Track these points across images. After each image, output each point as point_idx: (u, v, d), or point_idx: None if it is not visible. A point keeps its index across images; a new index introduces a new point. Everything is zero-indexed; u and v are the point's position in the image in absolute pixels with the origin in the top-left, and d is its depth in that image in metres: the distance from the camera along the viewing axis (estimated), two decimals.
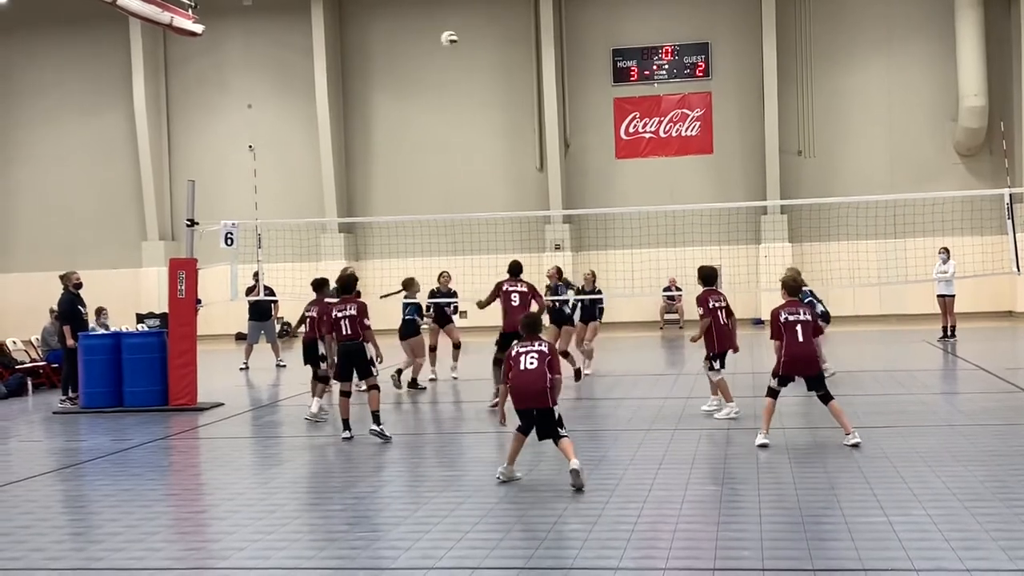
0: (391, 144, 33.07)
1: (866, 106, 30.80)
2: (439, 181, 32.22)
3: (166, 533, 8.20)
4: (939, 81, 30.17)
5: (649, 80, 31.88)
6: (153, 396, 15.41)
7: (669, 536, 7.38)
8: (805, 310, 10.94)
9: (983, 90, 29.06)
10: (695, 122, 31.72)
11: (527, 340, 9.47)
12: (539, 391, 9.14)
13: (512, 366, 9.31)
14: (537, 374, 9.17)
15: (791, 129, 30.89)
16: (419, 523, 7.99)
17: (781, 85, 30.47)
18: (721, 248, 29.10)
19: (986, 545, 6.81)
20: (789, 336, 10.68)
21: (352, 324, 12.00)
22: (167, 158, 34.11)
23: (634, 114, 31.97)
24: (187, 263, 15.88)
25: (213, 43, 31.39)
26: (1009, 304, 29.33)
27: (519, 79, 32.33)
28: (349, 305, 12.17)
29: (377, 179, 33.21)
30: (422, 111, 32.78)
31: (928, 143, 30.45)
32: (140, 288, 32.67)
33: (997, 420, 12.11)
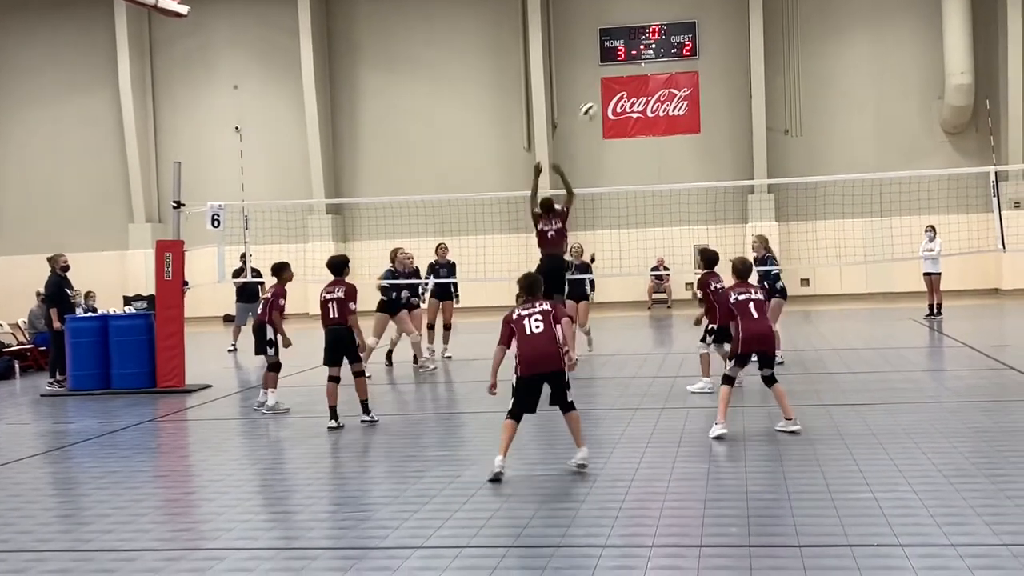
0: (378, 125, 32.99)
1: (853, 85, 30.82)
2: (427, 162, 32.16)
3: (154, 515, 8.20)
4: (925, 59, 30.20)
5: (636, 60, 31.84)
6: (141, 378, 15.41)
7: (656, 514, 7.42)
8: (755, 289, 10.84)
9: (969, 68, 29.10)
10: (682, 101, 31.71)
11: (529, 301, 9.07)
12: (552, 353, 8.74)
13: (515, 331, 8.86)
14: (547, 336, 8.76)
15: (778, 108, 30.90)
16: (407, 503, 8.01)
17: (768, 64, 30.47)
18: (708, 227, 29.05)
19: (971, 521, 6.86)
20: (743, 315, 10.55)
21: (340, 307, 11.70)
22: (153, 140, 33.98)
23: (622, 94, 31.94)
24: (174, 245, 15.84)
25: (199, 24, 31.25)
26: (995, 282, 29.45)
27: (506, 59, 32.25)
28: (337, 287, 11.85)
29: (365, 160, 33.13)
30: (409, 92, 32.69)
31: (915, 121, 30.50)
32: (127, 270, 32.61)
33: (983, 397, 12.18)
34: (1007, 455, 8.86)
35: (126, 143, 33.15)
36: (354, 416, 11.78)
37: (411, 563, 6.44)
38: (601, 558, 6.36)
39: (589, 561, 6.30)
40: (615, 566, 6.22)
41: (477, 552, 6.64)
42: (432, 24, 32.46)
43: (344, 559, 6.61)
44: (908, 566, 5.98)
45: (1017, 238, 21.14)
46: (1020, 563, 5.91)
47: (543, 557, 6.46)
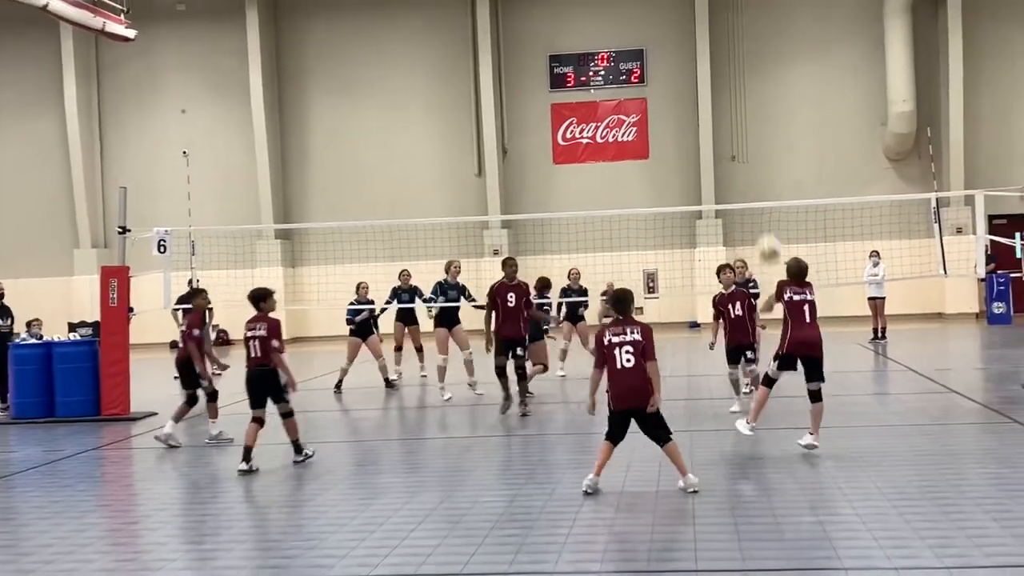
0: (328, 149, 32.90)
1: (798, 112, 31.22)
2: (377, 186, 32.11)
3: (98, 544, 8.10)
4: (869, 87, 30.67)
5: (586, 86, 32.06)
6: (85, 406, 15.20)
7: (604, 539, 7.44)
8: (811, 290, 10.46)
9: (911, 96, 29.59)
10: (631, 128, 31.95)
11: (618, 325, 8.82)
12: (641, 390, 8.65)
13: (606, 357, 8.74)
14: (637, 371, 8.65)
15: (725, 135, 31.23)
16: (356, 531, 7.97)
17: (715, 91, 30.79)
18: (657, 252, 29.32)
19: (914, 544, 6.94)
20: (795, 316, 10.28)
21: (263, 345, 10.73)
22: (99, 164, 33.63)
23: (571, 119, 32.13)
24: (119, 271, 15.69)
25: (146, 47, 31.02)
26: (938, 306, 29.88)
27: (457, 85, 32.34)
28: (259, 324, 10.83)
29: (314, 185, 33.02)
30: (359, 116, 32.66)
31: (858, 148, 30.94)
32: (72, 296, 32.18)
33: (926, 420, 12.34)
34: (950, 478, 8.98)
35: (72, 167, 32.78)
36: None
37: None
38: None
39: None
40: None
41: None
42: (382, 48, 32.49)
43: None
44: None
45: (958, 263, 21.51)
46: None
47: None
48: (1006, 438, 11.10)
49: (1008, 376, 16.23)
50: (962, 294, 29.36)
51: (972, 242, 19.52)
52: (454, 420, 13.74)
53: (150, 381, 19.88)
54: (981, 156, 29.82)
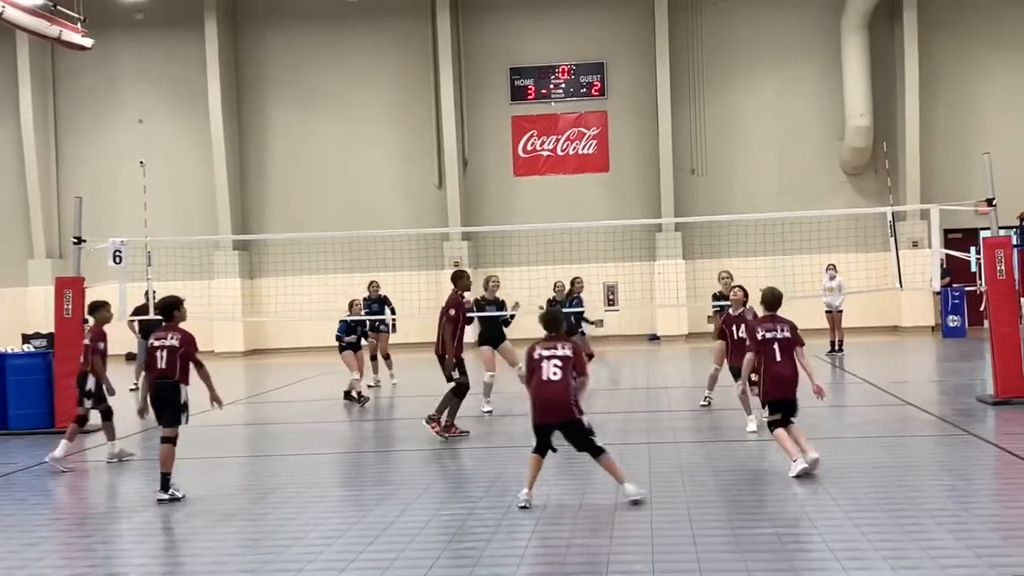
0: (287, 160, 32.75)
1: (757, 126, 31.47)
2: (336, 198, 31.99)
3: (52, 559, 7.98)
4: (827, 102, 30.98)
5: (546, 99, 32.14)
6: (39, 418, 15.00)
7: (563, 551, 7.42)
8: (782, 326, 10.20)
9: (868, 110, 29.91)
10: (592, 140, 32.06)
11: (550, 341, 8.90)
12: (563, 404, 8.67)
13: (534, 371, 8.77)
14: (562, 386, 8.66)
15: (684, 148, 31.41)
16: (311, 545, 7.90)
17: (675, 105, 30.97)
18: (617, 265, 29.41)
19: (869, 556, 6.99)
20: (767, 355, 9.99)
21: (170, 357, 9.97)
22: (55, 174, 33.27)
23: (532, 132, 32.20)
24: (74, 282, 15.52)
25: (103, 56, 30.80)
26: (894, 319, 30.17)
27: (417, 96, 32.32)
28: (171, 335, 10.10)
29: (272, 195, 32.84)
30: (319, 127, 32.55)
31: (816, 162, 31.21)
32: (27, 308, 31.79)
33: (882, 432, 12.44)
34: (905, 490, 9.05)
35: (27, 177, 32.40)
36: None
37: None
38: None
39: None
40: None
41: None
42: (342, 60, 32.41)
43: None
44: None
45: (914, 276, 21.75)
46: None
47: None
48: (961, 450, 11.21)
49: (963, 388, 16.41)
50: (918, 307, 29.68)
51: (928, 256, 19.76)
52: (412, 433, 13.66)
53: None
54: (937, 170, 30.17)
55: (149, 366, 10.09)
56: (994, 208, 15.04)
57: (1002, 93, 30.52)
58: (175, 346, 10.00)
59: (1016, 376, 14.16)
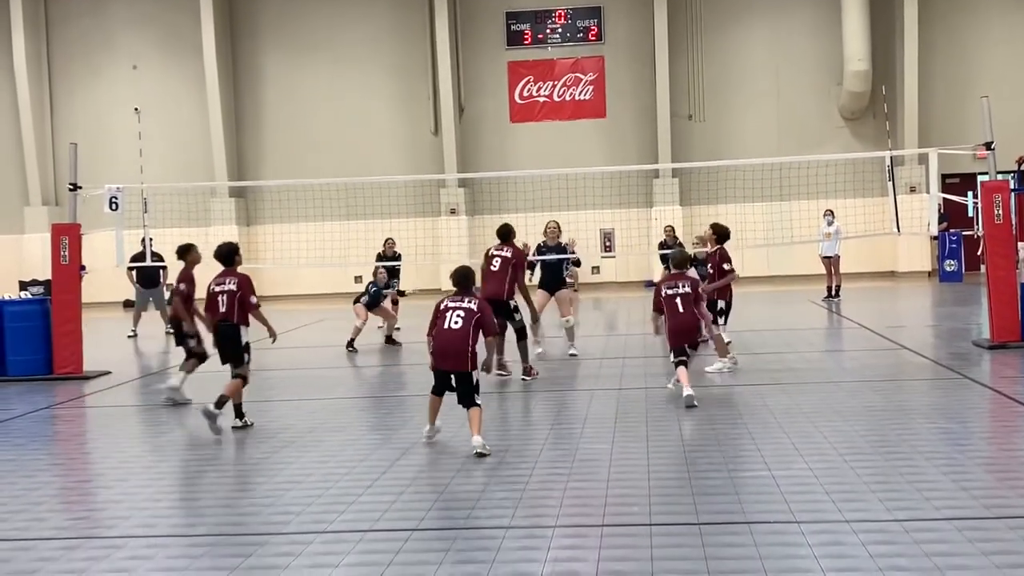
0: (283, 107, 32.57)
1: (754, 70, 31.28)
2: (333, 145, 31.85)
3: (51, 503, 8.03)
4: (825, 46, 30.78)
5: (543, 44, 31.91)
6: (37, 365, 15.02)
7: (560, 495, 7.47)
8: (685, 282, 11.34)
9: (867, 55, 29.72)
10: (588, 86, 31.87)
11: (457, 295, 9.19)
12: (458, 352, 8.90)
13: (438, 320, 9.08)
14: (460, 335, 8.90)
15: (682, 94, 31.23)
16: (310, 488, 7.95)
17: (672, 49, 30.76)
18: (614, 211, 29.40)
19: (865, 497, 7.03)
20: (670, 310, 11.18)
21: (230, 300, 10.54)
22: (49, 120, 33.08)
23: (528, 78, 31.99)
24: (70, 228, 15.47)
25: (97, 2, 30.61)
26: (891, 264, 30.20)
27: (413, 43, 32.08)
28: (229, 279, 10.66)
29: (268, 142, 32.70)
30: (315, 73, 32.33)
31: (814, 107, 31.08)
32: (23, 255, 31.76)
33: (878, 376, 12.49)
34: (901, 434, 9.10)
35: (21, 124, 32.22)
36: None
37: (313, 548, 6.41)
38: (505, 539, 6.40)
39: (493, 543, 6.33)
40: (518, 547, 6.25)
41: (380, 536, 6.63)
42: (337, 5, 32.12)
43: (245, 545, 6.54)
44: (804, 542, 6.12)
45: (911, 221, 21.73)
46: (912, 538, 6.08)
47: (447, 540, 6.48)
48: (956, 394, 11.27)
49: (959, 333, 16.46)
50: (914, 252, 29.70)
51: (925, 201, 19.72)
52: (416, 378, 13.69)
53: (103, 340, 19.70)
54: (935, 115, 30.07)
55: (210, 309, 10.62)
56: (992, 152, 14.99)
57: (1001, 37, 30.33)
58: (234, 290, 10.54)
59: (1012, 320, 14.20)
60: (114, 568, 6.18)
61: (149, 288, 21.43)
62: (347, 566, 6.04)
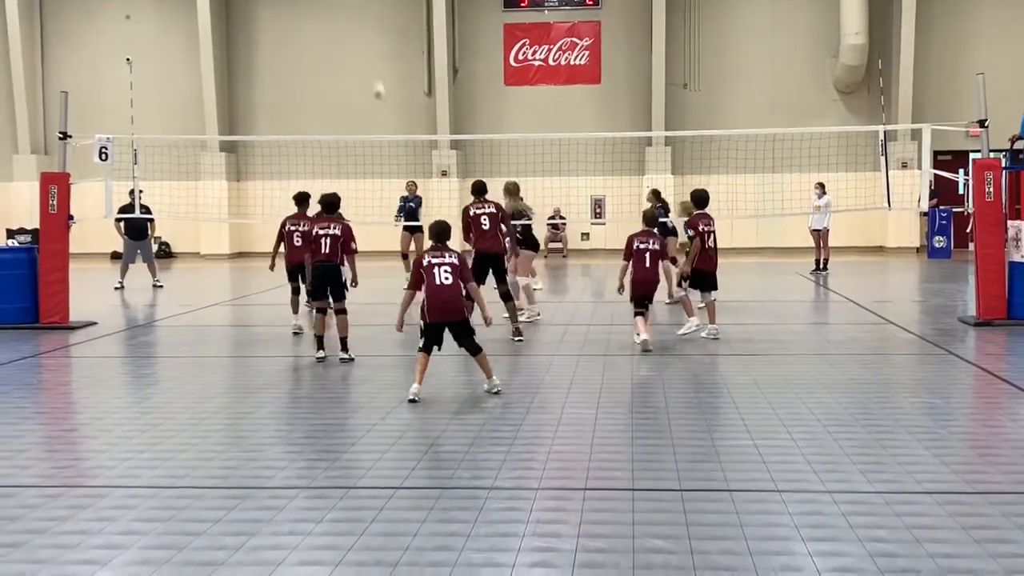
0: (276, 62, 32.36)
1: (751, 42, 31.18)
2: (325, 102, 31.69)
3: (34, 451, 8.03)
4: (821, 19, 30.68)
5: (539, 7, 31.74)
6: (23, 313, 15.00)
7: (544, 458, 7.50)
8: (654, 239, 12.53)
9: (864, 28, 29.64)
10: (584, 51, 31.72)
11: (437, 250, 9.67)
12: (457, 306, 9.53)
13: (425, 277, 9.50)
14: (454, 289, 9.48)
15: (677, 62, 31.12)
16: (295, 444, 7.98)
17: (669, 17, 30.62)
18: (606, 178, 29.37)
19: (846, 468, 7.07)
20: (639, 262, 12.42)
21: (333, 244, 11.76)
22: (40, 69, 32.82)
23: (524, 41, 31.83)
24: (59, 177, 15.40)
25: None
26: (880, 239, 30.26)
27: (408, 2, 31.86)
28: (333, 225, 11.91)
29: (260, 97, 32.50)
30: (309, 29, 32.12)
31: (809, 79, 31.01)
32: (10, 203, 31.62)
33: (863, 350, 12.54)
34: (884, 406, 9.14)
35: (12, 71, 31.97)
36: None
37: (297, 503, 6.42)
38: (487, 499, 6.42)
39: (475, 503, 6.35)
40: (501, 507, 6.28)
41: (364, 493, 6.64)
42: None
43: (229, 498, 6.54)
44: (784, 511, 6.15)
45: (902, 197, 21.75)
46: (892, 509, 6.11)
47: (430, 499, 6.49)
48: (940, 369, 11.32)
49: (945, 309, 16.52)
50: (904, 228, 29.76)
51: (916, 177, 19.75)
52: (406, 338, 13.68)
53: (91, 291, 19.65)
54: (930, 91, 30.04)
55: (313, 251, 11.79)
56: (986, 130, 14.99)
57: (997, 15, 30.27)
58: (337, 235, 11.78)
59: (999, 298, 14.26)
60: (97, 517, 6.19)
61: (137, 240, 21.37)
62: (330, 521, 6.06)
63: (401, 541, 5.67)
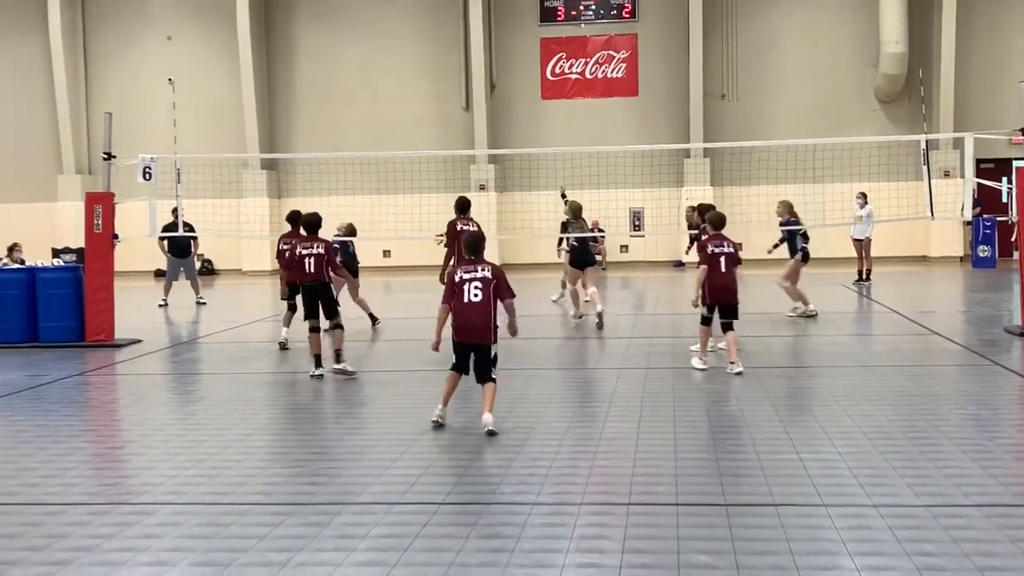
0: (315, 80, 32.60)
1: (789, 51, 31.04)
2: (364, 119, 31.88)
3: (82, 469, 8.11)
4: (861, 28, 30.48)
5: (576, 20, 31.77)
6: (69, 332, 15.18)
7: (586, 472, 7.48)
8: (728, 242, 11.65)
9: (904, 37, 29.41)
10: (621, 64, 31.71)
11: (470, 263, 8.94)
12: (483, 326, 8.73)
13: (455, 293, 8.82)
14: (482, 308, 8.71)
15: (715, 73, 31.04)
16: (339, 459, 8.01)
17: (706, 28, 30.54)
18: (644, 190, 29.32)
19: (893, 481, 7.01)
20: (713, 267, 11.51)
21: (318, 263, 11.81)
22: (84, 90, 33.26)
23: (560, 55, 31.87)
24: (104, 197, 15.59)
25: None
26: (923, 249, 29.97)
27: (445, 18, 32.01)
28: (316, 244, 11.93)
29: (300, 115, 32.76)
30: (347, 47, 32.34)
31: (849, 89, 30.81)
32: (56, 223, 32.02)
33: (908, 361, 12.42)
34: (929, 419, 9.05)
35: (56, 93, 32.43)
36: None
37: (342, 519, 6.45)
38: (530, 515, 6.41)
39: (519, 518, 6.35)
40: (544, 523, 6.27)
41: (407, 509, 6.65)
42: None
43: (274, 515, 6.58)
44: (831, 525, 6.10)
45: (945, 206, 21.54)
46: (939, 523, 6.05)
47: (473, 514, 6.50)
48: (986, 380, 11.19)
49: (990, 319, 16.33)
50: (947, 237, 29.45)
51: (959, 185, 19.52)
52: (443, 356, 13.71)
53: (135, 309, 19.85)
54: (971, 100, 29.75)
55: (299, 272, 11.98)
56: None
57: None
58: (321, 254, 11.85)
59: None
60: (143, 534, 6.24)
61: (180, 258, 21.57)
62: (374, 537, 6.07)
63: (445, 557, 5.68)
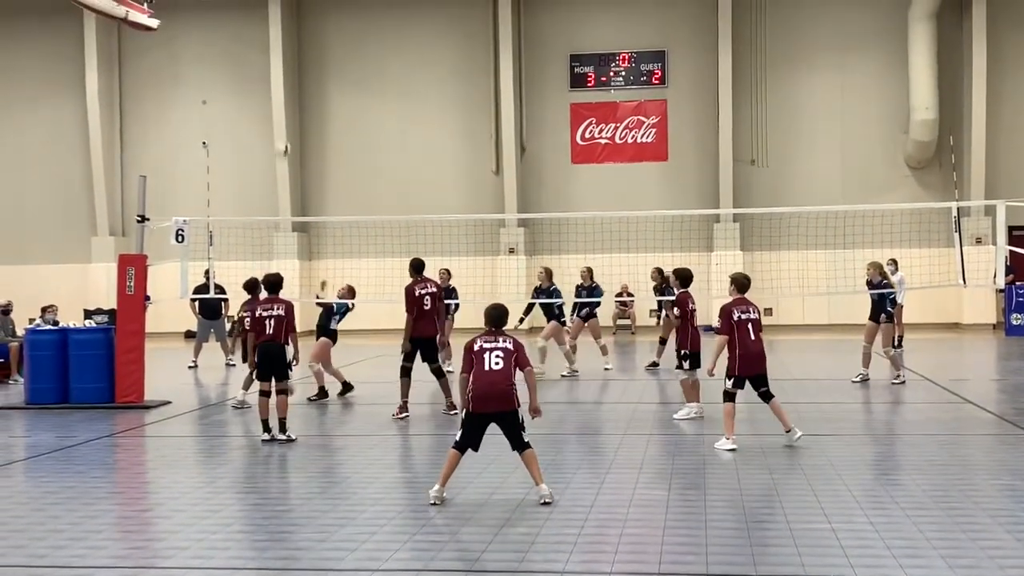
0: (347, 143, 32.94)
1: (819, 117, 31.11)
2: (394, 182, 32.12)
3: (109, 531, 8.11)
4: (891, 93, 30.54)
5: (606, 86, 32.01)
6: (100, 393, 15.26)
7: (615, 540, 7.42)
8: (753, 308, 11.12)
9: (934, 103, 29.43)
10: (651, 129, 31.88)
11: (491, 335, 8.80)
12: (504, 393, 8.55)
13: (474, 362, 8.66)
14: (503, 375, 8.56)
15: (745, 138, 31.13)
16: (365, 525, 7.97)
17: (736, 94, 30.70)
18: (674, 255, 29.15)
19: (927, 553, 6.91)
20: (742, 335, 10.88)
21: (278, 324, 11.90)
22: (119, 152, 33.74)
23: (590, 120, 32.09)
24: (137, 259, 15.73)
25: (168, 37, 31.11)
26: (955, 316, 29.73)
27: (477, 82, 32.34)
28: (277, 305, 12.06)
29: (332, 178, 33.06)
30: (379, 111, 32.69)
31: (879, 155, 30.81)
32: (88, 284, 32.29)
33: (940, 430, 12.27)
34: (963, 488, 8.93)
35: (91, 155, 32.90)
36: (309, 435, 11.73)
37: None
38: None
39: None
40: None
41: (436, 575, 6.60)
42: (403, 43, 32.50)
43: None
44: None
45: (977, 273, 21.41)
46: None
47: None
48: (1020, 449, 11.04)
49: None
50: (980, 304, 29.21)
51: (991, 252, 19.46)
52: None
53: (165, 370, 19.94)
54: (1002, 166, 29.68)
55: (258, 333, 11.94)
56: None
57: None
58: (281, 315, 11.91)
59: None
60: None
61: (211, 319, 21.71)
62: None
63: None
